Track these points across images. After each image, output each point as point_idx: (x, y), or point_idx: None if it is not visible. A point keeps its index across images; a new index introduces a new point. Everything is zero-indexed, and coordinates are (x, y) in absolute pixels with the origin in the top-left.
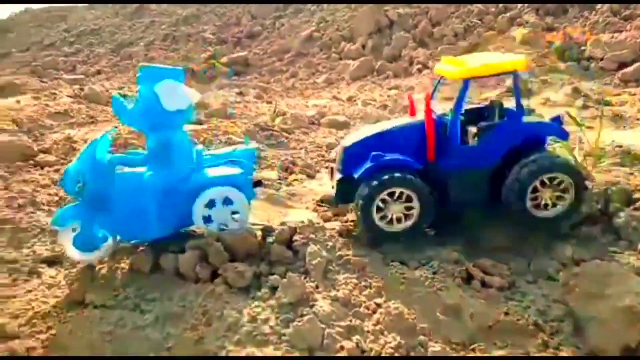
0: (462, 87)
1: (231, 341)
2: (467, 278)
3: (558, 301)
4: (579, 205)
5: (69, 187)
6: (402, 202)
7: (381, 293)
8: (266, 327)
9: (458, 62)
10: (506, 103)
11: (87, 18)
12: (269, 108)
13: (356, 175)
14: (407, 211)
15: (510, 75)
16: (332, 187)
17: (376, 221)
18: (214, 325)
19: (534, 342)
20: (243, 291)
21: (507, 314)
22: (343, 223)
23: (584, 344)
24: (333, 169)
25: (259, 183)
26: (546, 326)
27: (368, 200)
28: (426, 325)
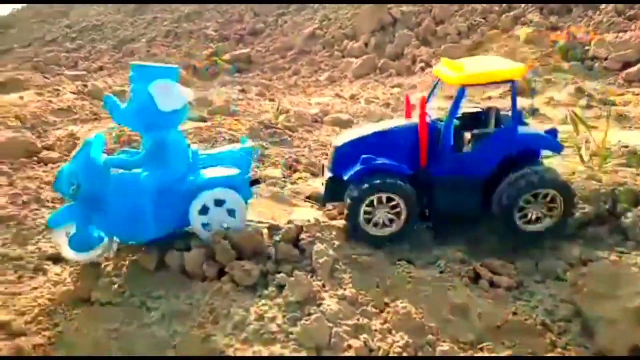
0: (458, 94)
1: (238, 339)
2: (475, 277)
3: (566, 301)
4: (568, 219)
5: (64, 189)
6: (390, 207)
7: (388, 292)
8: (273, 326)
9: (456, 67)
10: (508, 101)
11: (89, 14)
12: (272, 106)
13: (345, 176)
14: (394, 216)
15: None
16: (322, 184)
17: (362, 224)
18: (221, 323)
19: (542, 342)
20: (250, 289)
21: (515, 314)
22: None
23: (592, 344)
24: (324, 166)
25: (257, 182)
26: (554, 326)
27: (356, 203)
28: (434, 324)
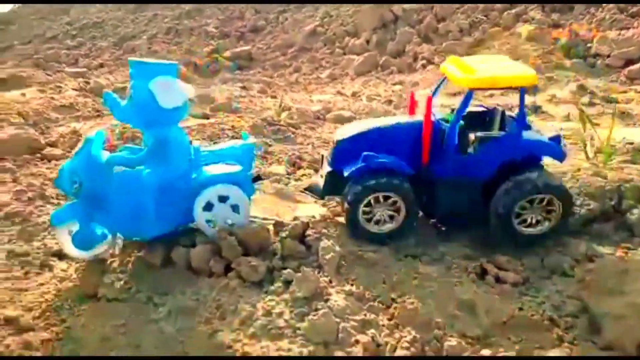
0: (466, 97)
1: (246, 334)
2: (481, 273)
3: (573, 297)
4: (568, 219)
5: (65, 187)
6: (389, 206)
7: (395, 288)
8: (281, 321)
9: (466, 68)
10: (511, 99)
11: (90, 11)
12: (274, 103)
13: (346, 173)
14: (394, 212)
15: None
16: (321, 177)
17: (361, 222)
18: (228, 318)
19: (549, 337)
20: (256, 285)
21: (522, 309)
22: None
23: (600, 339)
24: (324, 157)
25: (259, 178)
26: (561, 321)
27: (355, 201)
28: (441, 320)
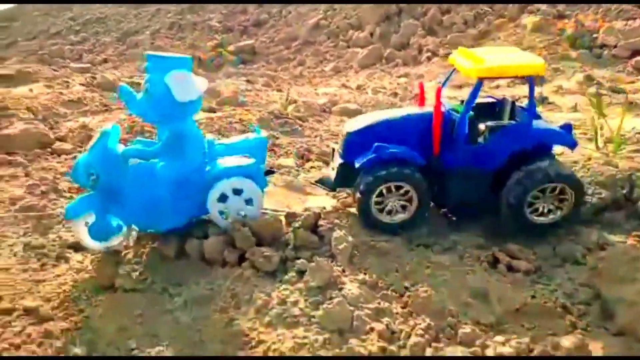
0: (476, 86)
1: (262, 323)
2: (493, 262)
3: (585, 284)
4: (580, 208)
5: (82, 180)
6: (401, 196)
7: (407, 277)
8: (296, 310)
9: (475, 59)
10: (517, 90)
11: (93, 7)
12: (280, 96)
13: (357, 164)
14: (407, 202)
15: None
16: (332, 169)
17: (374, 212)
18: (243, 308)
19: (562, 324)
20: (270, 275)
21: (534, 297)
22: None
23: (612, 326)
24: (335, 150)
25: (271, 171)
26: (574, 308)
27: (367, 191)
28: (454, 307)
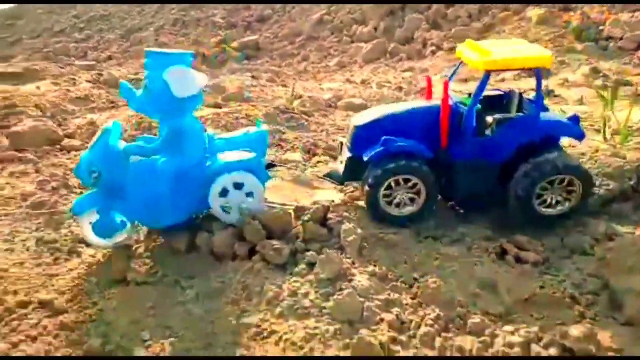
0: (483, 79)
1: (273, 314)
2: (501, 254)
3: (593, 275)
4: (586, 202)
5: (84, 177)
6: (409, 188)
7: (416, 268)
8: (306, 301)
9: (482, 51)
10: (522, 83)
11: (96, 4)
12: (285, 91)
13: (366, 157)
14: (415, 195)
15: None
16: (340, 162)
17: (382, 205)
18: (255, 299)
19: (570, 314)
20: (280, 268)
21: (543, 288)
22: None
23: (620, 316)
24: (343, 144)
25: (272, 164)
26: (582, 298)
27: (375, 184)
28: (463, 298)
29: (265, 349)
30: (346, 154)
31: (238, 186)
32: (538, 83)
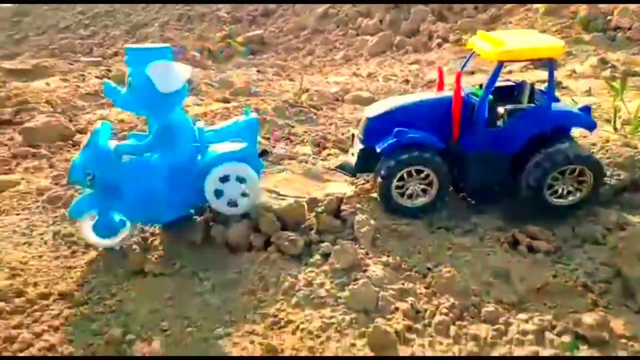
0: (496, 69)
1: (289, 304)
2: (514, 243)
3: (606, 264)
4: (597, 192)
5: (80, 180)
6: (422, 179)
7: (430, 258)
8: (322, 291)
9: (495, 42)
10: (528, 76)
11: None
12: (292, 85)
13: (378, 148)
14: (427, 186)
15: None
16: (352, 155)
17: (394, 196)
18: (271, 290)
19: (583, 302)
20: (295, 258)
21: (555, 277)
22: None
23: (633, 304)
24: (354, 136)
25: (265, 152)
26: (595, 287)
27: (388, 175)
28: (476, 287)
29: (282, 338)
30: (358, 146)
31: (240, 179)
32: (550, 73)
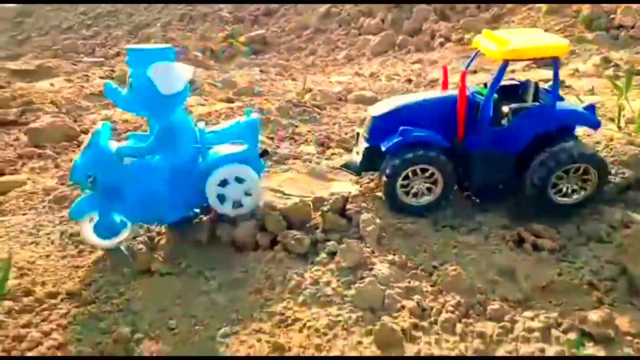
0: (501, 68)
1: (296, 302)
2: (519, 242)
3: (611, 262)
4: (602, 190)
5: (81, 182)
6: (426, 178)
7: (435, 257)
8: (329, 289)
9: (500, 41)
10: (530, 74)
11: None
12: (295, 85)
13: (383, 147)
14: (432, 185)
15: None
16: (357, 153)
17: (399, 195)
18: (278, 288)
19: (589, 300)
20: (302, 257)
21: (561, 275)
22: None
23: (639, 301)
24: (359, 135)
25: (265, 153)
26: (600, 285)
27: (393, 174)
28: (482, 285)
29: (289, 336)
30: (363, 145)
31: (239, 180)
32: (555, 72)
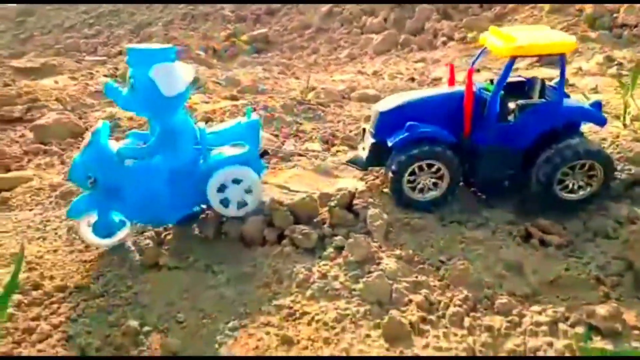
0: (508, 65)
1: (304, 296)
2: (526, 237)
3: (617, 257)
4: (608, 186)
5: (81, 182)
6: (433, 174)
7: (443, 252)
8: (336, 283)
9: (507, 37)
10: (533, 72)
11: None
12: (299, 83)
13: (390, 143)
14: (438, 180)
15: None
16: (363, 149)
17: (406, 190)
18: (285, 282)
19: (596, 295)
20: (309, 252)
21: (568, 270)
22: None
23: None
24: (365, 130)
25: (265, 153)
26: (607, 280)
27: (400, 169)
28: (490, 280)
29: (298, 329)
30: (369, 140)
31: (236, 181)
32: (562, 69)
